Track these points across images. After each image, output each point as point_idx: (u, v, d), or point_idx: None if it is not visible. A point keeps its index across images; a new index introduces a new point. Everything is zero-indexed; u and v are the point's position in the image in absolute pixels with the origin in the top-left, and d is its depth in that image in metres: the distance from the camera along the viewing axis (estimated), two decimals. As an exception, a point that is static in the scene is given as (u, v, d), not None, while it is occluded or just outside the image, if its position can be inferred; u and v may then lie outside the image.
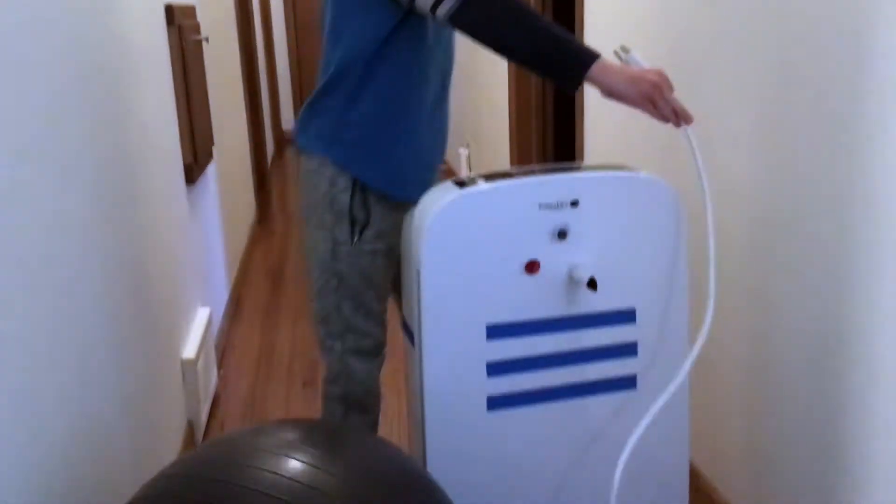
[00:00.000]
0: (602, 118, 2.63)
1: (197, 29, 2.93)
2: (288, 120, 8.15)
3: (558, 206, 1.54)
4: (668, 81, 1.40)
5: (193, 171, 2.67)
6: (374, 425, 1.85)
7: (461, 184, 1.56)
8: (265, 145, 5.90)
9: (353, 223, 1.67)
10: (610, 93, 1.40)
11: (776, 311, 1.67)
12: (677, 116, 1.42)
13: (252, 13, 5.73)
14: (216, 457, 1.11)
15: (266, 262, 4.30)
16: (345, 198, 1.66)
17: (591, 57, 1.38)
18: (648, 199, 1.58)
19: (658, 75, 1.39)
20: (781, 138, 1.61)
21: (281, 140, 8.01)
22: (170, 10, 2.52)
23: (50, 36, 1.45)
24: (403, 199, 1.70)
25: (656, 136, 2.17)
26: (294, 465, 1.07)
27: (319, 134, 1.66)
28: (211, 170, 3.26)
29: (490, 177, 1.56)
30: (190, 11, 2.87)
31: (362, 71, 1.59)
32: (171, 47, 2.53)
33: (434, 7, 1.47)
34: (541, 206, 1.53)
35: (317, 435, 1.16)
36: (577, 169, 1.60)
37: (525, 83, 4.02)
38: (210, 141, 3.06)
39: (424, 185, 1.70)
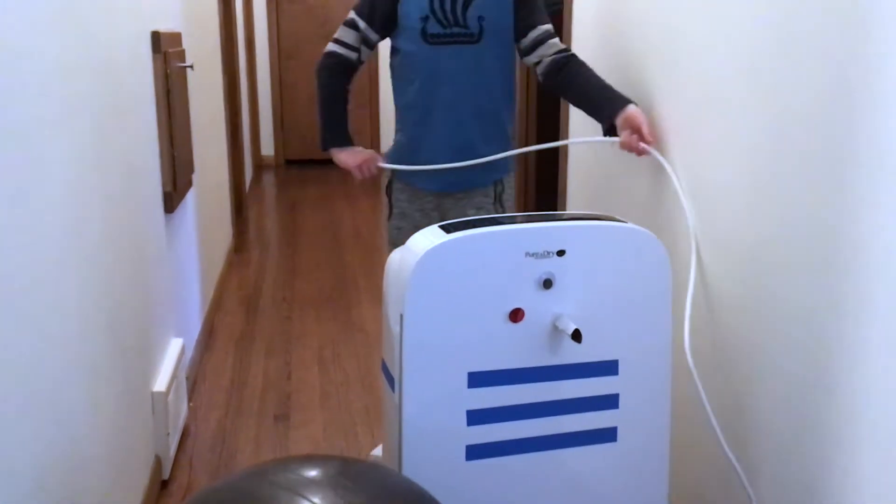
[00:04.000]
0: (584, 160, 2.64)
1: (182, 56, 2.91)
2: (268, 146, 8.11)
3: (545, 254, 1.53)
4: (372, 159, 2.30)
5: (173, 199, 2.64)
6: None
7: (447, 229, 1.55)
8: (244, 172, 5.86)
9: (390, 206, 2.37)
10: (338, 162, 2.33)
11: (758, 359, 1.67)
12: (370, 172, 2.33)
13: (236, 40, 5.72)
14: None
15: (241, 290, 4.25)
16: (386, 186, 2.40)
17: (334, 142, 2.31)
18: (635, 251, 1.58)
19: (367, 153, 2.31)
20: (771, 174, 1.61)
21: (260, 166, 7.97)
22: (156, 37, 2.50)
23: (37, 61, 1.43)
24: (418, 188, 2.31)
25: (639, 181, 2.18)
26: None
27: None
28: (190, 198, 3.22)
29: (477, 223, 1.55)
30: (176, 38, 2.85)
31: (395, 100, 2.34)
32: (156, 74, 2.50)
33: None
34: (527, 254, 1.52)
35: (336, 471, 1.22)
36: (565, 218, 1.60)
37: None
38: (191, 169, 3.03)
39: (439, 180, 2.26)
